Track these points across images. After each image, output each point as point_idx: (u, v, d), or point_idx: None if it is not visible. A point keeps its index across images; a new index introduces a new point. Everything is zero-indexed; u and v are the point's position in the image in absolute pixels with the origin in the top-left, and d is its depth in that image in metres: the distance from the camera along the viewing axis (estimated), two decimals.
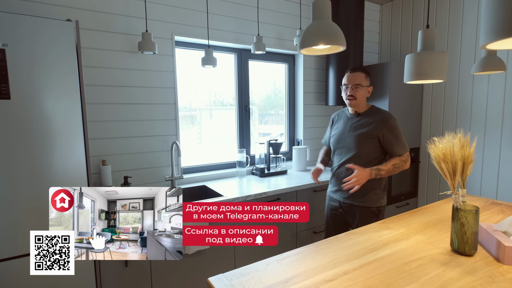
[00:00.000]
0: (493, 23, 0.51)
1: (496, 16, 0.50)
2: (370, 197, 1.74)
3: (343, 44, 0.97)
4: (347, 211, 1.80)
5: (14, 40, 1.27)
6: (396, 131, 1.69)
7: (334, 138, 1.85)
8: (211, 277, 1.01)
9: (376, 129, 1.69)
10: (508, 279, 0.97)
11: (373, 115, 1.74)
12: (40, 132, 1.36)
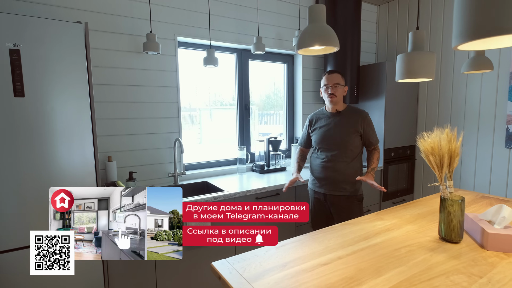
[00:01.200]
0: (461, 28, 0.59)
1: (463, 21, 0.58)
2: (353, 187, 1.92)
3: (336, 45, 1.05)
4: (332, 201, 1.94)
5: (28, 41, 1.35)
6: (372, 125, 1.96)
7: (318, 136, 1.98)
8: (215, 262, 1.08)
9: (358, 124, 1.90)
10: (489, 263, 1.05)
11: (353, 112, 1.94)
12: (51, 128, 1.44)
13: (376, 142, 1.97)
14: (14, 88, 1.33)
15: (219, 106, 2.80)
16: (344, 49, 2.79)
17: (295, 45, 2.49)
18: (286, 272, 1.01)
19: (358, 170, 1.94)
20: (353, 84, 2.88)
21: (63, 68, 1.44)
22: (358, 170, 1.94)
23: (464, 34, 0.58)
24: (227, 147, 2.80)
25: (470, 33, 0.57)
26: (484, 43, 0.70)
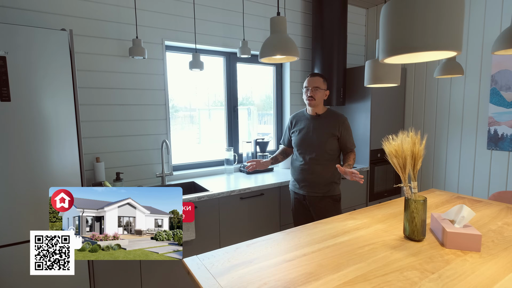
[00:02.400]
0: (383, 46, 0.65)
1: (384, 41, 0.64)
2: (330, 187, 1.98)
3: (296, 55, 1.11)
4: (312, 202, 2.00)
5: (14, 48, 1.41)
6: (350, 131, 2.00)
7: (298, 139, 2.04)
8: (186, 258, 1.15)
9: (336, 128, 1.95)
10: (445, 260, 1.11)
11: (332, 116, 1.98)
12: (37, 131, 1.50)
13: (352, 147, 2.02)
14: (0, 93, 1.40)
15: (219, 106, 2.85)
16: (331, 51, 2.85)
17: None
18: (252, 267, 1.07)
19: (335, 172, 1.98)
20: (340, 86, 2.94)
21: (49, 73, 1.51)
22: (335, 172, 1.99)
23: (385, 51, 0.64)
24: (221, 147, 2.86)
25: (388, 51, 0.63)
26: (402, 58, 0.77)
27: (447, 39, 0.56)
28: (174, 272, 1.98)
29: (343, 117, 1.99)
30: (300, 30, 3.02)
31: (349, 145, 2.00)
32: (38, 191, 1.52)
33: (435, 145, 2.96)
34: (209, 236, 2.09)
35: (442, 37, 0.55)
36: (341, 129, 1.95)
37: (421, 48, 0.56)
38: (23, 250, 1.50)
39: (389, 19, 0.61)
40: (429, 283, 0.96)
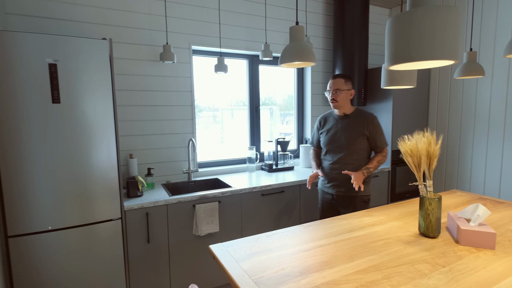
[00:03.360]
0: (387, 55, 0.72)
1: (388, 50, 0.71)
2: (360, 188, 1.95)
3: (313, 60, 1.19)
4: (340, 202, 2.01)
5: (63, 56, 1.60)
6: (379, 129, 1.96)
7: (326, 139, 2.06)
8: (212, 245, 1.27)
9: (365, 128, 1.93)
10: (457, 255, 1.15)
11: (360, 115, 1.97)
12: (82, 129, 1.69)
13: (383, 145, 1.97)
14: (52, 96, 1.59)
15: (242, 106, 2.98)
16: (352, 52, 2.89)
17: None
18: (271, 255, 1.17)
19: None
20: (361, 86, 2.96)
21: (92, 78, 1.69)
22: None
23: (389, 59, 0.71)
24: (239, 147, 2.99)
25: (391, 60, 0.70)
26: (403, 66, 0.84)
27: (442, 50, 0.62)
28: (197, 252, 2.12)
29: (372, 115, 1.96)
30: (322, 32, 3.08)
31: (379, 143, 1.96)
32: (81, 182, 1.71)
33: (460, 146, 2.91)
34: (231, 229, 2.22)
35: (438, 48, 0.62)
36: (370, 128, 1.93)
37: (418, 58, 0.63)
38: (66, 235, 1.69)
39: (392, 32, 0.69)
40: (439, 275, 1.02)
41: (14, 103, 1.52)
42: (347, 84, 1.96)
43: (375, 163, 1.94)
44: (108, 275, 1.81)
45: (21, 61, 1.52)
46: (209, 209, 2.08)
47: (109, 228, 1.81)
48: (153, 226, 1.96)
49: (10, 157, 1.54)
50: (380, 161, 1.96)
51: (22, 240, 1.61)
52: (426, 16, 0.61)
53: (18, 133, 1.55)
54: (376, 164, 1.95)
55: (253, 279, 1.00)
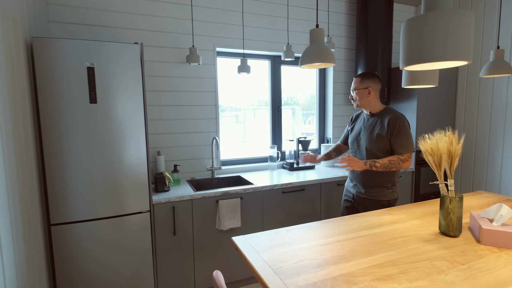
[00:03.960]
0: (402, 56, 0.75)
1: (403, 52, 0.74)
2: (380, 191, 1.88)
3: (332, 61, 1.23)
4: (359, 202, 1.98)
5: (100, 60, 1.74)
6: (402, 131, 1.78)
7: (351, 137, 2.03)
8: (234, 237, 1.34)
9: (384, 128, 1.82)
10: (478, 254, 1.15)
11: (385, 115, 1.85)
12: (116, 128, 1.82)
13: (400, 150, 1.78)
14: (90, 97, 1.74)
15: (264, 106, 3.04)
16: (375, 52, 2.87)
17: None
18: (290, 248, 1.23)
19: (384, 176, 1.86)
20: (384, 86, 2.93)
21: (125, 79, 1.82)
22: (386, 176, 1.86)
23: (403, 60, 0.74)
24: (261, 145, 3.06)
25: (405, 61, 0.73)
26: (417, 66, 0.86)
27: (455, 51, 0.64)
28: (220, 246, 2.21)
29: (397, 116, 1.81)
30: (344, 31, 3.08)
31: (398, 147, 1.78)
32: (114, 177, 1.85)
33: (489, 147, 2.81)
34: (252, 225, 2.29)
35: (450, 50, 0.64)
36: (390, 129, 1.79)
37: (431, 60, 0.66)
38: (100, 225, 1.84)
39: (406, 34, 0.72)
40: (457, 272, 1.03)
41: (57, 103, 1.68)
42: (362, 82, 1.89)
43: (385, 161, 1.78)
44: (137, 264, 1.94)
45: (63, 65, 1.67)
46: (231, 205, 2.17)
47: (139, 220, 1.94)
48: (179, 219, 2.07)
49: (54, 152, 1.70)
50: (393, 162, 1.77)
51: (62, 228, 1.77)
52: (439, 19, 0.64)
53: (60, 131, 1.70)
54: (386, 162, 1.77)
55: (272, 269, 1.06)
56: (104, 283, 1.88)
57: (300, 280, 0.99)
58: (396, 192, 1.92)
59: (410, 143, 1.79)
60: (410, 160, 1.79)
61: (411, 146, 1.79)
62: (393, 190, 1.90)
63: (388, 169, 1.79)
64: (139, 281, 1.96)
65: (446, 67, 0.80)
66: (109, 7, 2.22)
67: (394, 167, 1.79)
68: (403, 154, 1.79)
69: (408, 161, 1.79)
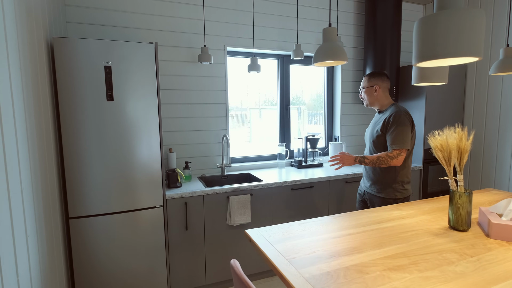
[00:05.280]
0: (415, 52, 0.78)
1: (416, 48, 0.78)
2: (386, 190, 1.90)
3: (344, 59, 1.26)
4: (368, 199, 2.02)
5: (116, 59, 1.80)
6: (396, 127, 1.77)
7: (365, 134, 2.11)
8: (248, 230, 1.39)
9: (383, 124, 1.84)
10: (487, 248, 1.18)
11: (389, 112, 1.86)
12: (131, 125, 1.88)
13: (391, 147, 1.78)
14: (107, 95, 1.80)
15: (270, 105, 3.08)
16: (383, 51, 2.89)
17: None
18: (302, 240, 1.27)
19: (389, 175, 1.87)
20: (392, 84, 2.95)
21: (140, 78, 1.88)
22: (389, 176, 1.87)
23: (417, 57, 0.78)
24: (270, 144, 3.09)
25: (419, 57, 0.77)
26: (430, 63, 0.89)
27: (467, 48, 0.68)
28: (230, 240, 2.26)
29: (397, 112, 1.81)
30: (353, 31, 3.10)
31: (389, 144, 1.79)
32: (129, 172, 1.90)
33: (498, 145, 2.81)
34: (262, 221, 2.33)
35: (462, 47, 0.67)
36: (387, 126, 1.81)
37: (444, 56, 0.69)
38: (115, 219, 1.90)
39: (419, 32, 0.75)
40: (467, 263, 1.06)
41: (75, 101, 1.74)
42: (369, 81, 1.93)
43: (374, 157, 1.80)
44: (150, 256, 2.00)
45: (82, 64, 1.73)
46: (242, 201, 2.21)
47: (153, 215, 2.00)
48: (190, 214, 2.12)
49: (72, 148, 1.77)
50: (381, 158, 1.78)
51: (80, 221, 1.83)
52: (452, 18, 0.68)
53: (78, 128, 1.77)
54: (375, 158, 1.80)
55: (287, 259, 1.11)
56: (119, 275, 1.94)
57: (313, 269, 1.03)
58: (402, 191, 1.90)
59: (402, 141, 1.77)
60: (400, 157, 1.78)
61: (402, 143, 1.77)
62: (398, 190, 1.89)
63: (377, 165, 1.82)
64: (152, 273, 2.02)
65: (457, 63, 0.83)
66: (123, 8, 2.28)
67: (382, 164, 1.80)
68: (393, 151, 1.78)
69: (398, 158, 1.77)
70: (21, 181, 1.17)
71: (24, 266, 1.16)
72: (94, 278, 1.88)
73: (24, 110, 1.23)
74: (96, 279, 1.89)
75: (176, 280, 2.14)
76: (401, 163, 1.82)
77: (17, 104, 1.16)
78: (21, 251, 1.13)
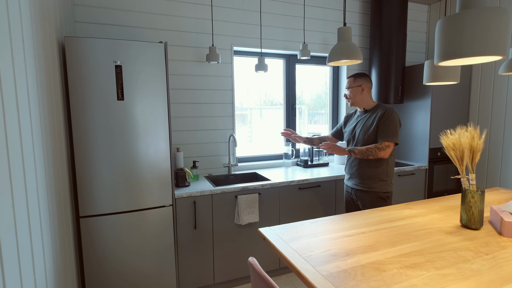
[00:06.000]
0: (437, 52, 0.79)
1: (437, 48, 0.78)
2: (376, 184, 1.96)
3: (359, 58, 1.27)
4: (358, 196, 2.05)
5: (127, 59, 1.81)
6: (387, 122, 1.88)
7: (346, 135, 2.15)
8: (261, 228, 1.39)
9: (376, 120, 1.93)
10: (501, 246, 1.19)
11: (378, 110, 1.97)
12: (141, 124, 1.89)
13: (383, 139, 1.87)
14: (117, 94, 1.80)
15: (270, 105, 3.09)
16: (389, 50, 2.89)
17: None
18: (316, 238, 1.27)
19: (381, 168, 1.95)
20: (398, 84, 2.96)
21: (150, 77, 1.88)
22: (381, 168, 1.95)
23: (439, 56, 0.78)
24: (275, 143, 3.10)
25: (442, 56, 0.77)
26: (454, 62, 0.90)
27: (493, 46, 0.68)
28: (238, 239, 2.27)
29: (387, 109, 1.92)
30: (358, 31, 3.11)
31: (379, 137, 1.88)
32: (139, 171, 1.91)
33: (504, 144, 2.82)
34: (270, 220, 2.34)
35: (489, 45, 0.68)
36: (380, 121, 1.90)
37: (470, 54, 0.70)
38: (126, 218, 1.91)
39: (443, 31, 0.76)
40: (482, 261, 1.06)
41: (87, 100, 1.75)
42: (356, 81, 2.02)
43: (363, 148, 1.89)
44: (160, 255, 2.01)
45: (93, 63, 1.74)
46: (250, 200, 2.22)
47: (162, 214, 2.00)
48: (199, 213, 2.13)
49: (83, 147, 1.77)
50: (370, 149, 1.87)
51: (90, 220, 1.84)
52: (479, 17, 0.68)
53: (89, 127, 1.77)
54: (364, 149, 1.89)
55: (303, 257, 1.11)
56: (128, 273, 1.94)
57: (331, 267, 1.04)
58: (391, 185, 2.01)
59: (391, 134, 1.87)
60: (387, 150, 1.86)
61: (391, 137, 1.87)
62: (388, 182, 1.98)
63: (365, 156, 1.90)
64: (161, 272, 2.02)
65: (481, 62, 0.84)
66: (131, 8, 2.29)
67: (371, 155, 1.89)
68: (382, 143, 1.87)
69: (385, 150, 1.86)
70: (37, 181, 1.17)
71: (40, 265, 1.16)
72: (103, 276, 1.89)
73: (39, 110, 1.24)
74: (106, 277, 1.89)
75: (184, 279, 2.14)
76: (387, 156, 1.91)
77: (33, 105, 1.16)
78: (37, 250, 1.14)
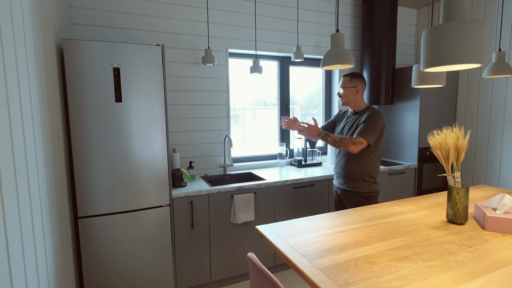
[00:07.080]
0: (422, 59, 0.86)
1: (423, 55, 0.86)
2: (360, 184, 2.00)
3: (351, 63, 1.34)
4: (343, 195, 2.11)
5: (125, 61, 1.84)
6: (369, 121, 1.91)
7: (335, 132, 2.18)
8: (258, 226, 1.45)
9: (362, 122, 1.95)
10: (484, 239, 1.26)
11: (366, 113, 1.97)
12: (139, 125, 1.92)
13: (359, 135, 1.89)
14: (115, 96, 1.83)
15: (263, 106, 3.14)
16: (380, 53, 2.98)
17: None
18: (311, 235, 1.33)
19: (367, 169, 1.98)
20: (388, 86, 3.05)
21: (148, 79, 1.92)
22: (366, 169, 1.98)
23: (425, 63, 0.86)
24: (269, 143, 3.16)
25: (427, 63, 0.84)
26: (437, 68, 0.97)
27: (471, 55, 0.75)
28: (235, 238, 2.32)
29: (372, 111, 1.95)
30: (350, 33, 3.19)
31: (359, 132, 1.89)
32: (137, 172, 1.94)
33: (489, 144, 2.93)
34: (265, 218, 2.39)
35: (467, 54, 0.75)
36: (364, 120, 1.93)
37: (450, 62, 0.77)
38: (123, 218, 1.93)
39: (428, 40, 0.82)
40: (466, 253, 1.14)
41: (85, 103, 1.77)
42: (351, 81, 2.00)
43: (337, 137, 1.92)
44: (157, 254, 2.04)
45: (91, 65, 1.77)
46: (245, 199, 2.27)
47: (159, 214, 2.04)
48: (196, 213, 2.17)
49: (81, 149, 1.80)
50: (344, 140, 1.89)
51: (88, 221, 1.86)
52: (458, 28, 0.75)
53: (87, 129, 1.80)
54: (337, 138, 1.91)
55: (299, 252, 1.17)
56: (127, 273, 1.97)
57: (326, 261, 1.10)
58: (375, 185, 2.03)
59: (368, 132, 1.89)
60: (359, 146, 1.88)
61: (367, 135, 1.89)
62: (370, 183, 2.01)
63: (336, 145, 1.93)
64: (159, 271, 2.06)
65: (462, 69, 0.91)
66: (128, 10, 2.31)
67: (341, 146, 1.91)
68: (357, 137, 1.89)
69: (357, 145, 1.88)
70: (39, 182, 1.20)
71: (42, 264, 1.19)
72: (102, 275, 1.91)
73: (40, 112, 1.26)
74: (104, 277, 1.92)
75: (182, 278, 2.18)
76: (357, 152, 1.91)
77: (35, 108, 1.19)
78: (40, 250, 1.17)
